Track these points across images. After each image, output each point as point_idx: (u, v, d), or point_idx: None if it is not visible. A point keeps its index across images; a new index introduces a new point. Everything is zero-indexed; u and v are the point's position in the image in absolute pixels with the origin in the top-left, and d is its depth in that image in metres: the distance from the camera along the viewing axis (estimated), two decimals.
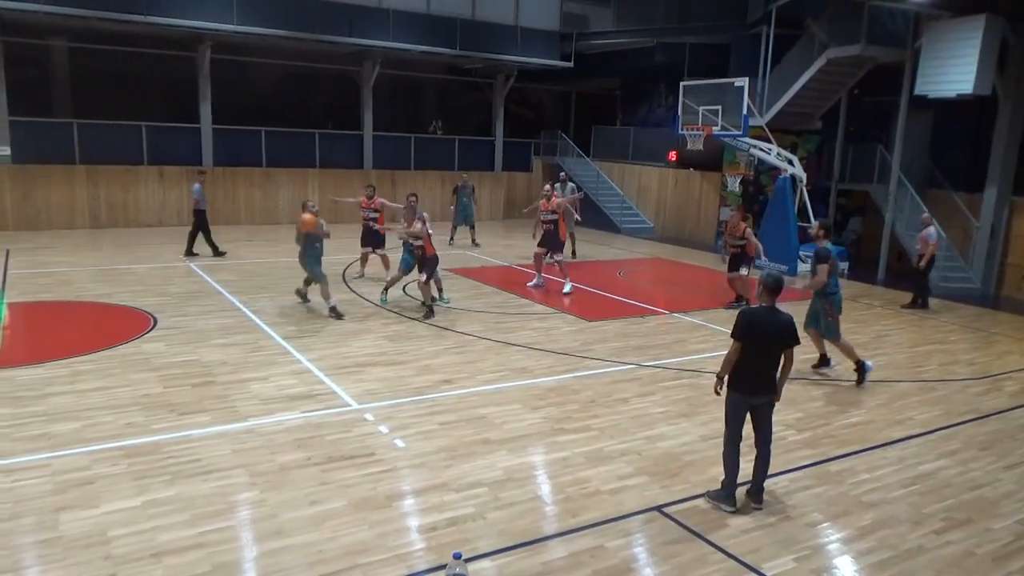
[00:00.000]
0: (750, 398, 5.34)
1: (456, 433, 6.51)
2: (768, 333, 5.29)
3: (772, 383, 5.37)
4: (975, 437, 7.06)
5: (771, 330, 5.29)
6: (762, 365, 5.31)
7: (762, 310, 5.40)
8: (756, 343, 5.27)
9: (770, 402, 5.40)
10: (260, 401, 7.06)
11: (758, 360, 5.29)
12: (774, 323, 5.32)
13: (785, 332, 5.31)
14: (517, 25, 21.78)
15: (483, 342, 9.46)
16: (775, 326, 5.31)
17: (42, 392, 7.03)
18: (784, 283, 5.50)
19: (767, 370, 5.34)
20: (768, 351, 5.30)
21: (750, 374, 5.31)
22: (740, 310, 5.57)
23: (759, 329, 5.29)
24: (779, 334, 5.30)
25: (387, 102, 23.94)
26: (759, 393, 5.34)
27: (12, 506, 4.94)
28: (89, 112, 18.56)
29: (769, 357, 5.32)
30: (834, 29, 16.08)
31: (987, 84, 13.55)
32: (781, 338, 5.31)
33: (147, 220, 18.65)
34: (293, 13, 18.19)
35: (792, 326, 5.33)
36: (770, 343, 5.29)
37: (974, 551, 4.99)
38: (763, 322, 5.31)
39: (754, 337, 5.27)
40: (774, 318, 5.34)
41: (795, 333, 5.35)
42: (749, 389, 5.33)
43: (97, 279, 12.28)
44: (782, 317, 5.35)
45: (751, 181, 19.30)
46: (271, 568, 4.41)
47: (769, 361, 5.33)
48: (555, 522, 5.11)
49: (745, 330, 5.32)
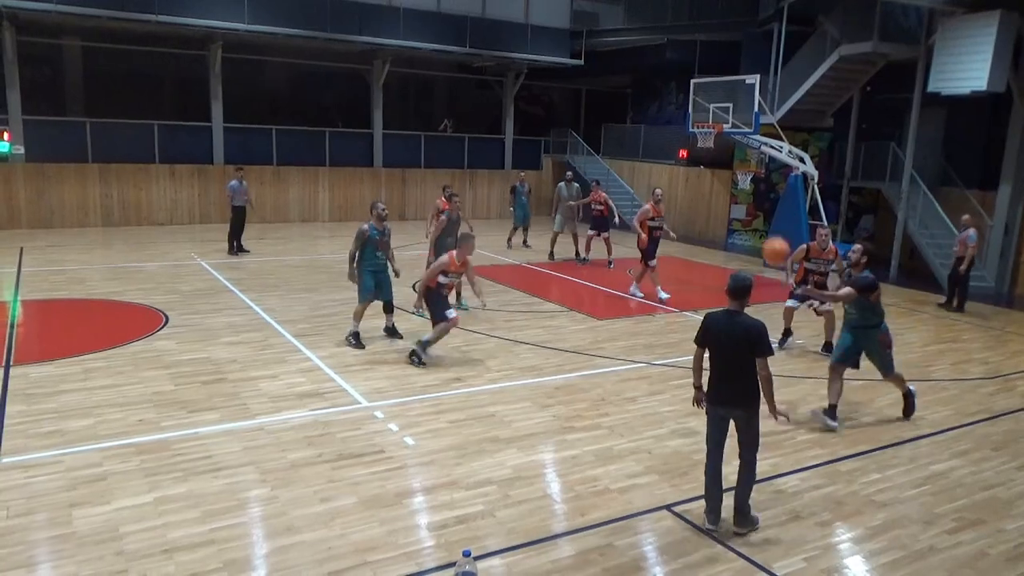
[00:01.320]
0: (718, 408, 5.00)
1: (465, 431, 6.52)
2: (726, 339, 4.90)
3: (745, 395, 4.90)
4: (987, 437, 7.00)
5: (729, 336, 4.88)
6: (726, 374, 4.93)
7: (721, 314, 5.00)
8: (715, 349, 4.96)
9: (747, 416, 4.94)
10: (270, 399, 7.09)
11: (720, 368, 4.96)
12: (733, 328, 4.89)
13: (745, 338, 4.83)
14: (527, 23, 21.76)
15: (492, 340, 9.46)
16: (734, 332, 4.87)
17: (54, 389, 7.09)
18: (750, 285, 4.95)
19: (734, 380, 4.91)
20: (729, 359, 4.91)
21: (714, 382, 5.00)
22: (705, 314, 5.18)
23: (715, 334, 4.95)
24: (739, 340, 4.84)
25: (397, 100, 23.99)
26: (728, 404, 4.96)
27: (26, 502, 4.99)
28: (102, 111, 18.69)
29: (732, 365, 4.90)
30: (846, 26, 15.97)
31: (1001, 81, 13.42)
32: (741, 345, 4.84)
33: (159, 218, 18.77)
34: (304, 12, 18.25)
35: (756, 332, 4.82)
36: (731, 350, 4.88)
37: (987, 551, 4.95)
38: (721, 327, 4.94)
39: (711, 342, 4.97)
40: (733, 323, 4.90)
41: (760, 340, 4.81)
42: (715, 398, 5.01)
43: (109, 277, 12.36)
44: (743, 321, 4.88)
45: (762, 179, 19.22)
46: (281, 564, 4.43)
47: (733, 369, 4.90)
48: (564, 520, 5.11)
49: (701, 334, 5.04)
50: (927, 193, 15.61)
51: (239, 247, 15.09)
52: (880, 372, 7.37)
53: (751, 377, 4.86)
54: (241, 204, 14.95)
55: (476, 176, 23.44)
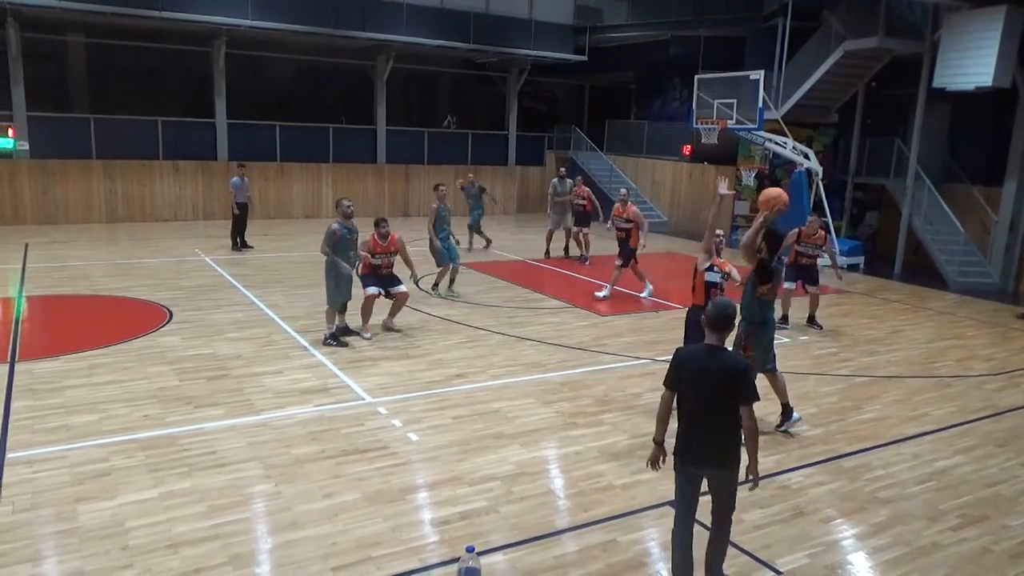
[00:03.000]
0: (689, 466, 4.04)
1: (469, 427, 6.53)
2: (703, 381, 3.94)
3: (724, 450, 3.98)
4: (992, 434, 6.99)
5: (709, 376, 3.92)
6: (701, 424, 3.97)
7: (700, 349, 4.08)
8: (689, 393, 4.00)
9: (725, 476, 4.04)
10: (274, 394, 7.11)
11: (694, 416, 3.98)
12: (714, 367, 3.93)
13: (730, 381, 3.90)
14: (531, 19, 21.73)
15: (495, 336, 9.46)
16: (716, 372, 3.92)
17: (60, 385, 7.11)
18: (733, 314, 4.07)
19: (710, 431, 3.96)
20: (705, 405, 3.95)
21: (686, 433, 4.02)
22: (676, 348, 4.21)
23: (692, 373, 3.98)
24: (719, 383, 3.91)
25: (401, 96, 23.99)
26: (702, 461, 4.01)
27: (31, 497, 5.01)
28: (106, 107, 18.70)
29: (709, 413, 3.95)
30: (851, 21, 15.91)
31: (1007, 76, 13.36)
32: (721, 389, 3.91)
33: (163, 215, 18.80)
34: (307, 8, 18.25)
35: (740, 373, 3.91)
36: (709, 394, 3.94)
37: (991, 548, 4.94)
38: (698, 365, 3.97)
39: (685, 383, 4.01)
40: (714, 361, 3.95)
41: (746, 383, 3.91)
42: (687, 454, 4.02)
43: (113, 273, 12.40)
44: (726, 360, 3.97)
45: (766, 175, 19.16)
46: (285, 560, 4.45)
47: (710, 419, 3.95)
48: (567, 516, 5.11)
49: (672, 374, 4.06)
50: (932, 189, 15.57)
51: (243, 243, 15.12)
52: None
53: (732, 428, 3.96)
54: (243, 201, 15.00)
55: (480, 172, 23.41)
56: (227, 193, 15.88)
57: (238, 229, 15.10)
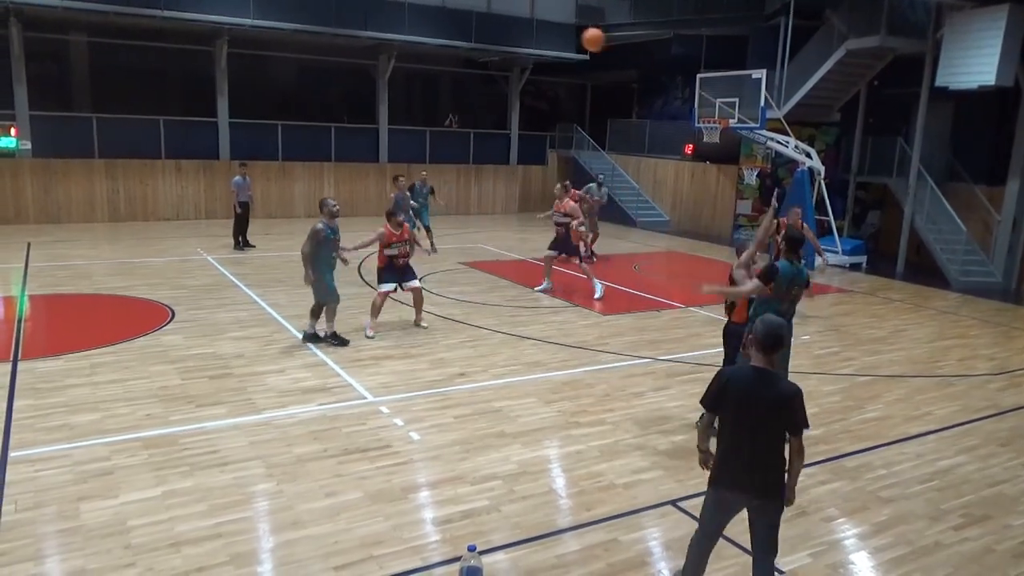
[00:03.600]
0: (730, 493, 3.79)
1: (470, 426, 6.53)
2: (753, 406, 3.66)
3: (769, 480, 3.72)
4: (994, 433, 6.98)
5: (758, 402, 3.66)
6: (746, 450, 3.69)
7: (747, 371, 3.77)
8: (734, 417, 3.73)
9: (769, 507, 3.76)
10: (276, 393, 7.12)
11: (740, 441, 3.71)
12: (763, 393, 3.66)
13: (780, 408, 3.66)
14: (533, 18, 21.74)
15: (497, 335, 9.46)
16: (765, 397, 3.66)
17: (62, 384, 7.13)
18: (785, 334, 3.84)
19: (755, 459, 3.69)
20: (753, 432, 3.67)
21: (729, 460, 3.76)
22: (719, 369, 4.01)
23: (738, 397, 3.70)
24: (770, 409, 3.66)
25: (403, 96, 23.99)
26: (744, 489, 3.74)
27: (34, 495, 5.02)
28: (108, 106, 18.73)
29: (756, 440, 3.67)
30: (853, 20, 15.89)
31: (1010, 75, 13.34)
32: (772, 415, 3.67)
33: (165, 214, 18.82)
34: (309, 7, 18.26)
35: (794, 400, 3.67)
36: (757, 421, 3.66)
37: (993, 548, 4.94)
38: (746, 388, 3.69)
39: (731, 408, 3.74)
40: (764, 385, 3.68)
41: (800, 411, 3.68)
42: (728, 481, 3.78)
43: (116, 272, 12.41)
44: (777, 385, 3.70)
45: (768, 174, 19.16)
46: (287, 559, 4.45)
47: (756, 446, 3.68)
48: (569, 515, 5.11)
49: (717, 397, 3.79)
50: (934, 188, 15.54)
51: (245, 242, 15.14)
52: None
53: (777, 458, 3.69)
54: (245, 200, 15.03)
55: (482, 171, 23.44)
56: (229, 192, 15.90)
57: (240, 228, 15.13)
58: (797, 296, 6.17)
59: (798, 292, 6.14)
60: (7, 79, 16.82)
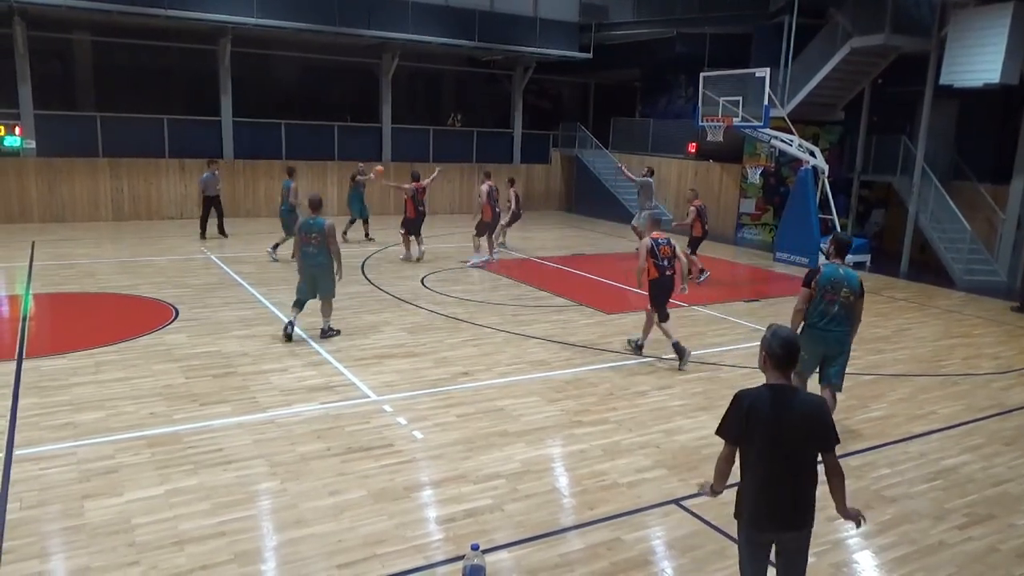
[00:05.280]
0: (767, 532, 3.44)
1: (474, 425, 6.53)
2: (779, 430, 3.29)
3: (805, 508, 3.40)
4: (999, 432, 6.96)
5: (788, 424, 3.29)
6: (778, 480, 3.33)
7: (766, 393, 3.36)
8: (763, 445, 3.31)
9: (801, 538, 3.48)
10: (280, 392, 7.13)
11: (773, 473, 3.33)
12: (792, 413, 3.31)
13: (811, 425, 3.32)
14: (536, 16, 21.71)
15: (500, 334, 9.47)
16: (794, 418, 3.30)
17: (67, 382, 7.15)
18: (799, 348, 3.48)
19: (793, 488, 3.35)
20: (783, 459, 3.31)
21: (759, 496, 3.38)
22: (736, 393, 3.47)
23: (765, 424, 3.31)
24: (797, 431, 3.30)
25: (406, 94, 23.98)
26: (781, 526, 3.41)
27: (39, 493, 5.03)
28: (112, 105, 18.77)
29: (787, 467, 3.32)
30: (858, 18, 15.85)
31: (1014, 73, 13.30)
32: (801, 437, 3.31)
33: (168, 212, 18.86)
34: (313, 6, 18.28)
35: (825, 417, 3.36)
36: (787, 445, 3.29)
37: (997, 547, 4.93)
38: (772, 412, 3.30)
39: (756, 437, 3.33)
40: (789, 405, 3.33)
41: (831, 428, 3.36)
42: (761, 521, 3.41)
43: (120, 271, 12.44)
44: (803, 401, 3.40)
45: (772, 173, 19.13)
46: (291, 557, 4.46)
47: (788, 473, 3.33)
48: (573, 514, 5.11)
49: (737, 424, 3.37)
50: (938, 187, 15.51)
51: (221, 231, 16.12)
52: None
53: (812, 481, 3.38)
54: (214, 194, 15.88)
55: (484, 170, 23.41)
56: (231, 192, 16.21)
57: (207, 219, 16.00)
58: (847, 299, 6.19)
59: (848, 295, 6.17)
60: (11, 78, 16.87)
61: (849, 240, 6.63)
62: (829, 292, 6.19)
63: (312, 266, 8.74)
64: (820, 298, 6.22)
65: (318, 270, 8.75)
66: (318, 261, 8.71)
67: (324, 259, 8.72)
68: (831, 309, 6.20)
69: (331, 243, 8.71)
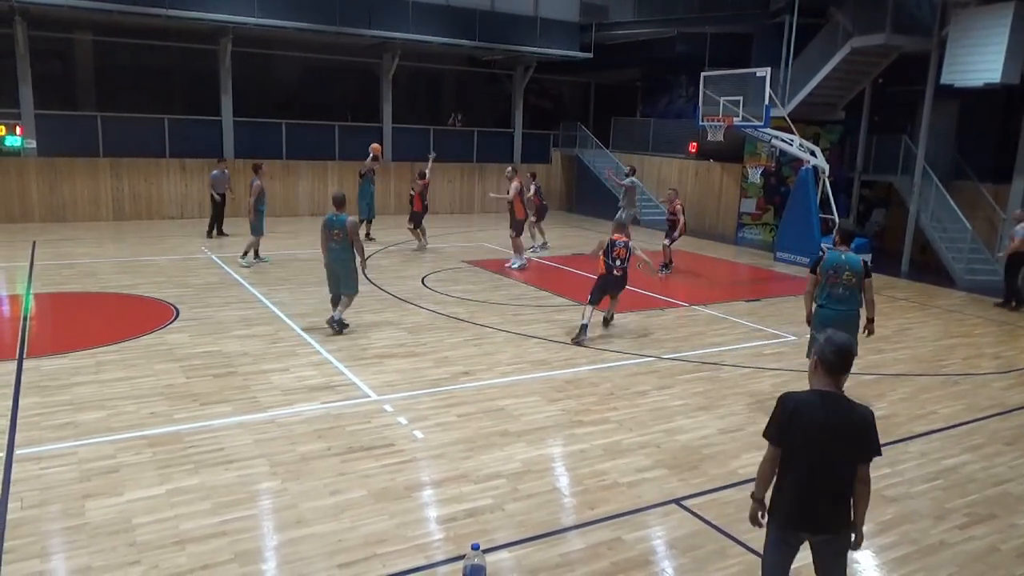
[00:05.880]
0: (801, 532, 3.46)
1: (474, 425, 6.53)
2: (827, 435, 3.29)
3: (843, 512, 3.40)
4: (999, 432, 6.96)
5: (834, 431, 3.29)
6: (823, 485, 3.35)
7: (816, 398, 3.35)
8: (807, 449, 3.32)
9: (839, 541, 3.45)
10: (281, 392, 7.13)
11: (814, 477, 3.34)
12: (840, 420, 3.30)
13: (857, 434, 3.32)
14: (536, 16, 21.71)
15: (501, 334, 9.47)
16: (842, 425, 3.30)
17: (68, 382, 7.15)
18: (854, 354, 3.50)
19: (833, 493, 3.37)
20: (825, 463, 3.32)
21: (798, 498, 3.38)
22: (781, 395, 3.45)
23: (812, 428, 3.30)
24: (843, 437, 3.30)
25: (406, 94, 23.98)
26: (818, 529, 3.42)
27: (40, 493, 5.03)
28: (113, 105, 18.78)
29: (828, 471, 3.33)
30: (858, 18, 15.84)
31: (1015, 73, 13.29)
32: (849, 444, 3.32)
33: (169, 212, 18.86)
34: (313, 6, 18.28)
35: (870, 425, 3.35)
36: (830, 451, 3.30)
37: (998, 547, 4.93)
38: (819, 417, 3.30)
39: (800, 440, 3.32)
40: (838, 412, 3.32)
41: (875, 437, 3.34)
42: (797, 521, 3.42)
43: (120, 270, 12.44)
44: (852, 410, 3.35)
45: (773, 172, 19.13)
46: (291, 556, 4.46)
47: (833, 479, 3.35)
48: (573, 514, 5.11)
49: (784, 426, 3.36)
50: (939, 187, 15.50)
51: (219, 231, 16.18)
52: None
53: (850, 487, 3.39)
54: (223, 192, 16.05)
55: (485, 170, 23.43)
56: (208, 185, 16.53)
57: (217, 218, 16.16)
58: (850, 281, 6.80)
59: (850, 276, 6.78)
60: (12, 78, 16.88)
61: (853, 230, 7.33)
62: (832, 276, 6.82)
63: (334, 262, 9.00)
64: (825, 282, 6.87)
65: (340, 266, 8.99)
66: (340, 257, 8.96)
67: (346, 255, 8.95)
68: (836, 291, 6.83)
69: (353, 238, 8.94)
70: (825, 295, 6.86)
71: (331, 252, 9.02)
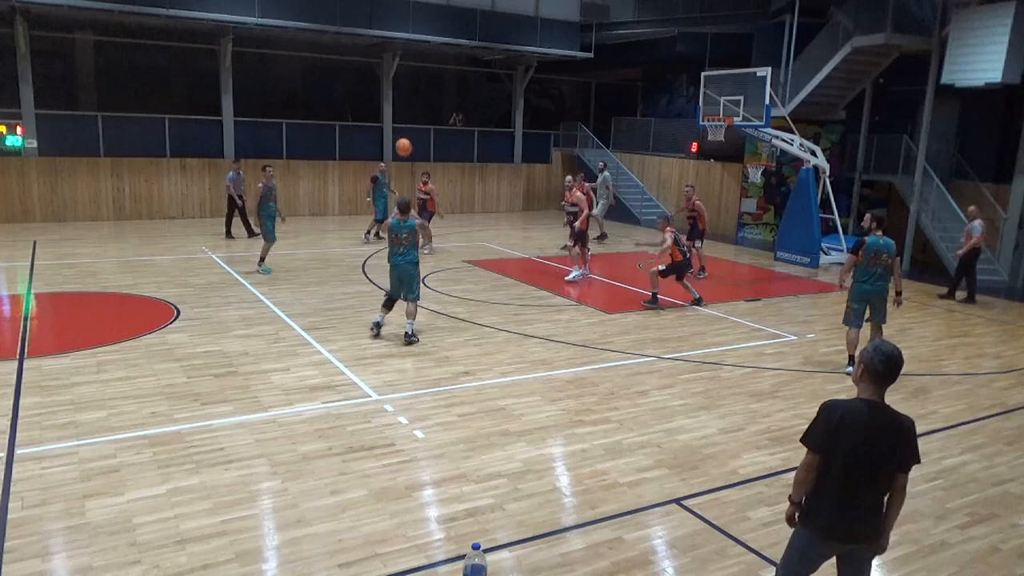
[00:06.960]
0: (835, 542, 3.42)
1: (475, 424, 6.53)
2: (871, 444, 3.26)
3: (879, 521, 3.38)
4: (1000, 432, 6.96)
5: (878, 439, 3.27)
6: (863, 495, 3.32)
7: (861, 406, 3.31)
8: (850, 457, 3.27)
9: (871, 553, 3.46)
10: (281, 392, 7.13)
11: (855, 486, 3.30)
12: (883, 429, 3.28)
13: (898, 443, 3.28)
14: (537, 16, 21.69)
15: (502, 334, 9.47)
16: (885, 433, 3.28)
17: (68, 381, 7.15)
18: (902, 362, 3.36)
19: (872, 503, 3.35)
20: (868, 472, 3.28)
21: (838, 507, 3.33)
22: (824, 403, 3.42)
23: (857, 436, 3.26)
24: (886, 446, 3.27)
25: (407, 94, 23.99)
26: (856, 538, 3.39)
27: (40, 493, 5.04)
28: (113, 105, 18.78)
29: (870, 481, 3.31)
30: (859, 17, 15.85)
31: (1016, 72, 13.29)
32: (890, 452, 3.28)
33: (170, 212, 18.86)
34: (314, 6, 18.27)
35: (911, 434, 3.32)
36: (874, 460, 3.27)
37: (999, 547, 4.93)
38: (864, 425, 3.27)
39: (843, 449, 3.27)
40: (881, 420, 3.30)
41: (916, 446, 3.33)
42: (836, 531, 3.37)
43: (121, 270, 12.45)
44: (895, 418, 3.32)
45: (773, 172, 19.12)
46: (292, 556, 4.46)
47: (874, 488, 3.33)
48: (574, 514, 5.11)
49: (828, 434, 3.31)
50: (940, 186, 15.50)
51: (228, 233, 16.15)
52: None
53: (884, 495, 3.39)
54: (240, 193, 15.98)
55: (486, 170, 23.43)
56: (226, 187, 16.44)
57: (243, 218, 16.10)
58: (886, 262, 8.08)
59: (887, 258, 8.07)
60: (13, 78, 16.87)
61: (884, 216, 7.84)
62: (873, 257, 8.08)
63: (400, 265, 8.88)
64: (867, 263, 8.09)
65: (406, 271, 8.89)
66: (407, 260, 8.86)
67: (414, 258, 8.89)
68: (875, 270, 8.09)
69: (423, 232, 9.46)
70: (865, 274, 8.08)
71: (397, 257, 8.84)
